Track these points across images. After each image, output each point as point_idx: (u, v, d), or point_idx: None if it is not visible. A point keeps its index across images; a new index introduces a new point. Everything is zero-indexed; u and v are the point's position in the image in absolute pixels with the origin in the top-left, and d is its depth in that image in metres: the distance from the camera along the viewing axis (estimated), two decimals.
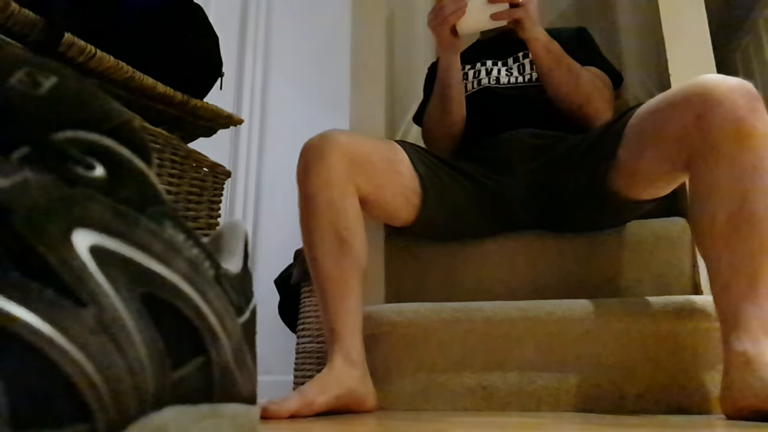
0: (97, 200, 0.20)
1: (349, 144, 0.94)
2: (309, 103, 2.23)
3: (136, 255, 0.21)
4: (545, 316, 0.91)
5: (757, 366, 0.65)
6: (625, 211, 1.01)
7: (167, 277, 0.22)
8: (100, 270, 0.19)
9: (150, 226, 0.22)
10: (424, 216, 1.04)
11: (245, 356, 0.27)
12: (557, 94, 1.10)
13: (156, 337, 0.20)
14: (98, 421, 0.17)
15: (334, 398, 0.80)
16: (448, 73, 1.13)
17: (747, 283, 0.71)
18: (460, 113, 1.16)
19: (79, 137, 0.21)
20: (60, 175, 0.19)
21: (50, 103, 0.20)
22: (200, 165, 0.98)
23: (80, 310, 0.18)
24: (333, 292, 0.90)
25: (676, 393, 0.85)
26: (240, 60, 2.17)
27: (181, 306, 0.22)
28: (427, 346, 0.98)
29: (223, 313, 0.25)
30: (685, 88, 0.80)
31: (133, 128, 0.23)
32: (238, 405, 0.26)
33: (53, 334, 0.17)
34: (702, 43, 1.13)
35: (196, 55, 0.99)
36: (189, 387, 0.22)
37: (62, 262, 0.18)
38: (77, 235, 0.19)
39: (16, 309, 0.16)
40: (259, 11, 2.28)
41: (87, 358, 0.17)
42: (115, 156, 0.22)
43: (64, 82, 0.21)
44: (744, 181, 0.72)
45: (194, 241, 0.24)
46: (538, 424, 0.67)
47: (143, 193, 0.22)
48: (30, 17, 0.71)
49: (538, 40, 1.05)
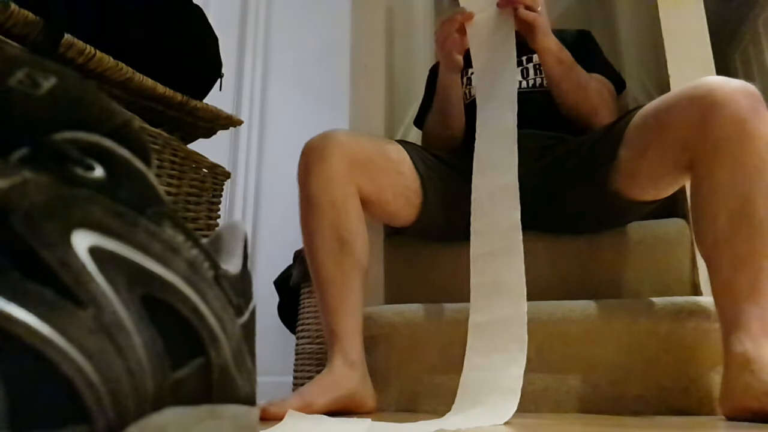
0: (97, 201, 0.20)
1: (351, 144, 0.94)
2: (309, 103, 2.23)
3: (135, 256, 0.20)
4: (545, 316, 0.91)
5: (758, 367, 0.65)
6: (626, 212, 1.01)
7: (166, 277, 0.22)
8: (99, 271, 0.19)
9: (149, 227, 0.22)
10: (424, 216, 1.04)
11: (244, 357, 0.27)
12: (565, 103, 1.10)
13: (155, 338, 0.20)
14: (97, 422, 0.17)
15: (333, 400, 0.80)
16: (449, 90, 1.13)
17: (747, 283, 0.71)
18: (460, 126, 1.17)
19: (79, 138, 0.21)
20: (59, 176, 0.19)
21: (50, 103, 0.20)
22: (200, 166, 0.98)
23: (79, 310, 0.18)
24: (333, 293, 0.90)
25: (675, 394, 0.85)
26: (239, 61, 2.17)
27: (180, 307, 0.22)
28: (426, 347, 0.97)
29: (223, 314, 0.25)
30: (687, 89, 0.80)
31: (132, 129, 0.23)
32: (238, 406, 0.26)
33: (52, 334, 0.17)
34: (701, 44, 1.13)
35: (195, 56, 0.99)
36: (188, 388, 0.22)
37: (61, 262, 0.18)
38: (76, 235, 0.19)
39: (15, 310, 0.16)
40: (259, 12, 2.28)
41: (86, 359, 0.17)
42: (114, 157, 0.22)
43: (63, 82, 0.21)
44: (746, 183, 0.72)
45: (193, 242, 0.24)
46: (538, 425, 0.67)
47: (143, 193, 0.22)
48: (30, 18, 0.71)
49: (549, 51, 1.05)
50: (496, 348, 0.78)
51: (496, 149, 0.94)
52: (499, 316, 0.80)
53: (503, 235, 0.86)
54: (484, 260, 0.86)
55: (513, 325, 0.78)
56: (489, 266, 0.85)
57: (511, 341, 0.77)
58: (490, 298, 0.83)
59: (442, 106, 1.15)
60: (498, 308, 0.81)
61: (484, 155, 0.96)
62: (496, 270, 0.84)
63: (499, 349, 0.77)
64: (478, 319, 0.83)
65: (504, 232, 0.86)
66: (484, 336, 0.81)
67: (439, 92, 1.15)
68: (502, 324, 0.79)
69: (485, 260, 0.86)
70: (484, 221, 0.89)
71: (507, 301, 0.80)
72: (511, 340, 0.77)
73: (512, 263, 0.82)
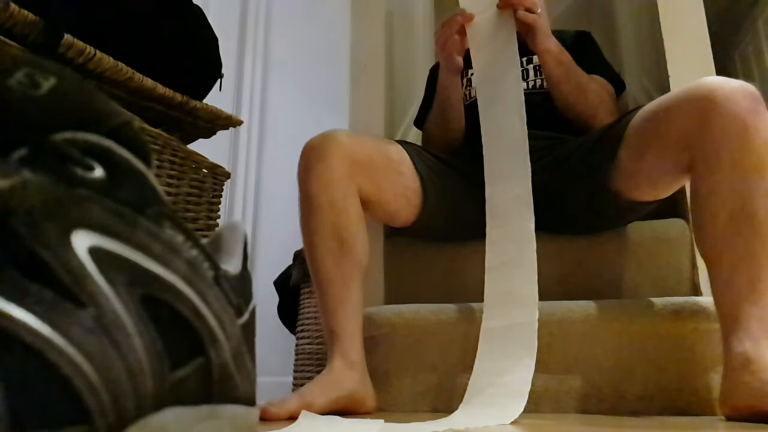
0: (96, 201, 0.20)
1: (351, 144, 0.94)
2: (309, 103, 2.23)
3: (135, 256, 0.20)
4: (545, 317, 0.91)
5: (758, 367, 0.65)
6: (626, 213, 1.01)
7: (166, 278, 0.22)
8: (99, 271, 0.19)
9: (149, 227, 0.22)
10: (424, 216, 1.04)
11: (244, 357, 0.27)
12: (565, 104, 1.10)
13: (155, 338, 0.20)
14: (97, 422, 0.17)
15: (333, 400, 0.80)
16: (449, 91, 1.13)
17: (747, 284, 0.71)
18: (460, 127, 1.17)
19: (79, 138, 0.21)
20: (59, 176, 0.19)
21: (49, 104, 0.20)
22: (199, 166, 0.98)
23: (79, 311, 0.18)
24: (333, 294, 0.90)
25: (675, 394, 0.85)
26: (239, 61, 2.17)
27: (180, 307, 0.22)
28: (426, 347, 0.97)
29: (223, 314, 0.25)
30: (687, 90, 0.80)
31: (132, 129, 0.23)
32: (238, 406, 0.26)
33: (52, 335, 0.17)
34: (701, 44, 1.13)
35: (195, 56, 0.99)
36: (188, 388, 0.22)
37: (61, 263, 0.18)
38: (76, 236, 0.19)
39: (15, 310, 0.16)
40: (259, 12, 2.28)
41: (86, 360, 0.17)
42: (114, 157, 0.22)
43: (63, 83, 0.21)
44: (746, 183, 0.72)
45: (193, 242, 0.24)
46: (538, 425, 0.67)
47: (142, 194, 0.22)
48: (30, 18, 0.71)
49: (549, 52, 1.05)
50: (506, 353, 0.81)
51: (507, 159, 0.95)
52: (511, 324, 0.83)
53: (518, 245, 0.88)
54: (499, 270, 0.89)
55: (524, 333, 0.80)
56: (504, 275, 0.87)
57: (522, 348, 0.79)
58: (503, 306, 0.85)
59: (441, 106, 1.15)
60: (510, 316, 0.84)
61: (496, 164, 0.96)
62: (510, 279, 0.86)
63: (509, 355, 0.80)
64: (491, 325, 0.86)
65: (519, 243, 0.88)
66: (496, 341, 0.83)
67: (439, 93, 1.15)
68: (514, 331, 0.82)
69: (500, 270, 0.88)
70: (500, 232, 0.91)
71: (520, 309, 0.83)
72: (521, 346, 0.80)
73: (526, 273, 0.85)
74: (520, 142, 0.94)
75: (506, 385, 0.76)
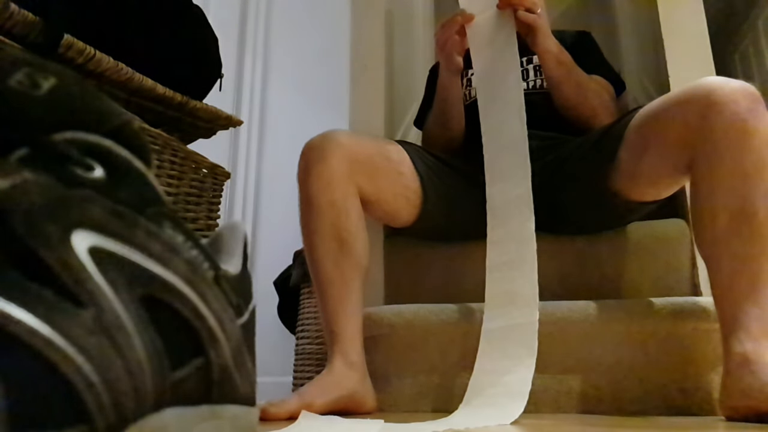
0: (96, 201, 0.20)
1: (351, 144, 0.94)
2: (309, 103, 2.23)
3: (135, 256, 0.20)
4: (545, 317, 0.91)
5: (758, 367, 0.65)
6: (626, 213, 1.01)
7: (166, 278, 0.22)
8: (99, 271, 0.19)
9: (149, 227, 0.22)
10: (424, 216, 1.04)
11: (244, 357, 0.27)
12: (565, 104, 1.10)
13: (155, 338, 0.20)
14: (97, 422, 0.17)
15: (333, 400, 0.80)
16: (449, 91, 1.13)
17: (747, 284, 0.71)
18: (460, 127, 1.17)
19: (79, 138, 0.21)
20: (59, 176, 0.19)
21: (49, 104, 0.20)
22: (199, 166, 0.98)
23: (79, 311, 0.18)
24: (333, 294, 0.90)
25: (675, 394, 0.85)
26: (239, 61, 2.17)
27: (180, 307, 0.22)
28: (426, 347, 0.97)
29: (222, 315, 0.25)
30: (687, 90, 0.80)
31: (132, 129, 0.23)
32: (237, 406, 0.26)
33: (52, 335, 0.17)
34: (701, 44, 1.13)
35: (195, 57, 0.99)
36: (188, 388, 0.22)
37: (61, 263, 0.18)
38: (76, 236, 0.19)
39: (15, 310, 0.16)
40: (259, 12, 2.28)
41: (86, 360, 0.17)
42: (114, 157, 0.22)
43: (63, 83, 0.21)
44: (746, 183, 0.72)
45: (193, 242, 0.24)
46: (538, 426, 0.67)
47: (142, 194, 0.22)
48: (29, 18, 0.71)
49: (549, 53, 1.05)
50: (507, 354, 0.81)
51: (507, 159, 0.95)
52: (512, 324, 0.83)
53: (518, 245, 0.88)
54: (499, 270, 0.89)
55: (524, 333, 0.81)
56: (504, 276, 0.88)
57: (522, 348, 0.80)
58: (503, 306, 0.85)
59: (441, 107, 1.15)
60: (511, 316, 0.84)
61: (496, 164, 0.96)
62: (511, 280, 0.86)
63: (510, 355, 0.80)
64: (491, 325, 0.86)
65: (519, 243, 0.88)
66: (496, 342, 0.84)
67: (439, 93, 1.15)
68: (514, 331, 0.82)
69: (501, 270, 0.89)
70: (500, 232, 0.91)
71: (520, 309, 0.83)
72: (522, 346, 0.80)
73: (526, 273, 0.85)
74: (520, 142, 0.94)
75: (506, 385, 0.77)
